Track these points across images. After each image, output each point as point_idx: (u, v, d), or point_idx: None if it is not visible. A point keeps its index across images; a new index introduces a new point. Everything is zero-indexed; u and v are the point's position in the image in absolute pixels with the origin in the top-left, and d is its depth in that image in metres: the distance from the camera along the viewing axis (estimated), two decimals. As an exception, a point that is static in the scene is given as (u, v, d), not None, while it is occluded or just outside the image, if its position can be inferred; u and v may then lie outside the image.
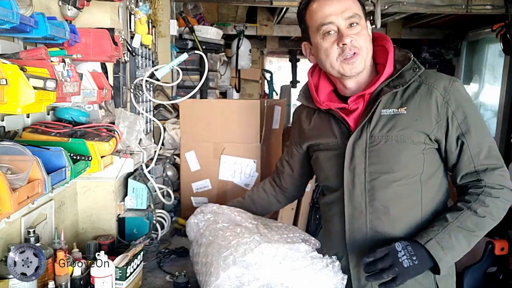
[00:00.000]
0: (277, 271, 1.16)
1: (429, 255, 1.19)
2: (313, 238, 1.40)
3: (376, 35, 1.37)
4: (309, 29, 1.35)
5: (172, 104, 2.99)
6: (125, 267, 1.36)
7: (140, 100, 2.05)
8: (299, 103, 1.55)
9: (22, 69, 0.96)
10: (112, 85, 1.71)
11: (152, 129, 2.35)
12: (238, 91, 5.69)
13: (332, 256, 1.24)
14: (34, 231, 1.25)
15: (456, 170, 1.29)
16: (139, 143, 1.75)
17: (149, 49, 2.26)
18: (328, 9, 1.27)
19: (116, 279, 1.35)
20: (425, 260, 1.20)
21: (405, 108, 1.27)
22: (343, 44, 1.26)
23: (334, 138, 1.37)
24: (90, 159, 1.28)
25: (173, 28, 3.15)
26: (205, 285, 1.21)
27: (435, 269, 1.22)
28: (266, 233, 1.34)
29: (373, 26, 5.15)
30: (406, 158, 1.26)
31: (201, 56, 2.01)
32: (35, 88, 0.96)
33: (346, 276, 1.22)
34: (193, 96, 2.11)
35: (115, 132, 1.48)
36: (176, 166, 2.41)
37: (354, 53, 1.26)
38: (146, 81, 1.88)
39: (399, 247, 1.20)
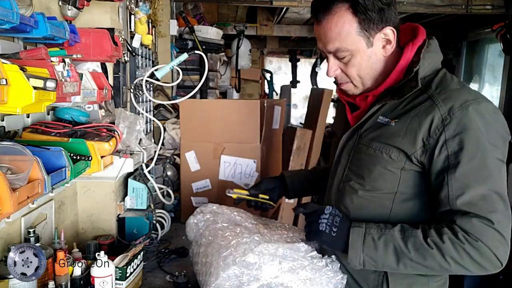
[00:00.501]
0: (277, 271, 1.16)
1: (347, 238, 1.14)
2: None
3: (412, 28, 1.23)
4: None
5: (172, 104, 3.00)
6: (125, 267, 1.36)
7: (140, 100, 2.05)
8: (299, 103, 1.56)
9: (22, 69, 0.96)
10: (112, 85, 1.70)
11: (152, 129, 2.35)
12: (238, 91, 5.70)
13: (332, 256, 1.24)
14: (34, 231, 1.25)
15: (434, 204, 1.13)
16: (139, 143, 1.75)
17: (149, 49, 2.26)
18: (316, 33, 1.21)
19: (116, 279, 1.35)
20: (341, 240, 1.15)
21: (396, 120, 1.15)
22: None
23: (340, 130, 1.35)
24: (90, 159, 1.28)
25: (173, 28, 3.16)
26: (205, 285, 1.21)
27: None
28: (266, 233, 1.34)
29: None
30: (378, 172, 1.17)
31: (201, 56, 2.01)
32: (35, 88, 0.96)
33: (345, 276, 1.22)
34: (193, 96, 2.10)
35: (115, 132, 1.48)
36: (176, 166, 2.41)
37: (340, 82, 1.24)
38: (146, 81, 1.88)
39: (328, 211, 1.18)
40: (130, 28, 1.91)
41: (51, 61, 1.15)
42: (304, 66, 8.20)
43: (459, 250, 1.05)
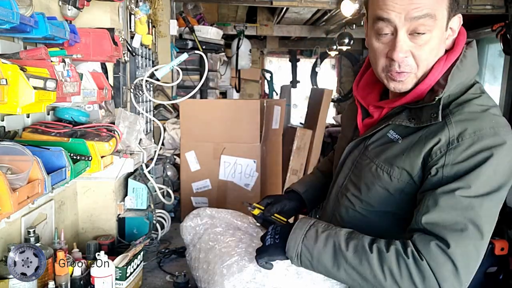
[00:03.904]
0: (283, 276, 1.15)
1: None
2: None
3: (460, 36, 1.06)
4: (367, 17, 1.08)
5: (172, 104, 3.00)
6: (125, 267, 1.36)
7: (140, 100, 2.05)
8: (299, 103, 1.53)
9: (22, 69, 0.96)
10: (112, 85, 1.71)
11: (152, 129, 2.36)
12: (238, 91, 5.70)
13: None
14: (34, 231, 1.25)
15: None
16: (139, 143, 1.75)
17: (149, 49, 2.26)
18: (388, 1, 0.97)
19: (116, 279, 1.35)
20: (285, 240, 1.05)
21: (405, 137, 1.04)
22: (392, 59, 1.01)
23: (348, 134, 1.26)
24: (90, 159, 1.28)
25: (173, 28, 3.16)
26: None
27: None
28: None
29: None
30: (376, 191, 1.07)
31: (201, 56, 2.01)
32: (35, 88, 0.96)
33: None
34: (193, 96, 2.11)
35: (115, 132, 1.48)
36: (176, 166, 2.41)
37: (403, 72, 1.03)
38: (146, 81, 1.88)
39: (270, 228, 1.12)
40: (130, 28, 1.91)
41: (51, 61, 1.15)
42: (304, 66, 8.21)
43: (400, 263, 0.93)
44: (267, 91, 7.45)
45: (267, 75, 7.38)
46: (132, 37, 1.93)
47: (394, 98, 1.11)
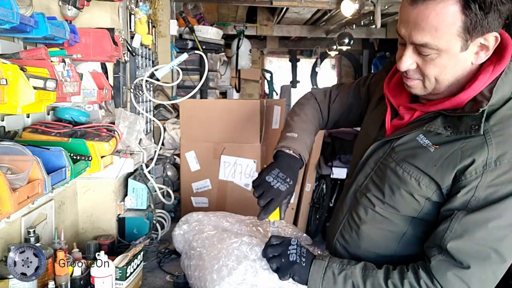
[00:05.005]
0: (273, 275, 1.13)
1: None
2: (301, 233, 1.41)
3: (501, 40, 0.99)
4: None
5: (172, 104, 3.00)
6: (125, 267, 1.36)
7: (140, 100, 2.05)
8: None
9: (22, 69, 0.96)
10: (112, 85, 1.71)
11: (152, 129, 2.35)
12: (238, 91, 5.71)
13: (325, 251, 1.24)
14: (34, 231, 1.25)
15: (430, 232, 1.06)
16: (139, 143, 1.75)
17: (149, 49, 2.26)
18: (402, 16, 1.00)
19: (116, 279, 1.35)
20: (307, 271, 1.11)
21: (437, 147, 1.02)
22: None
23: (372, 132, 1.23)
24: (90, 159, 1.28)
25: (173, 28, 3.16)
26: None
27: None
28: (256, 233, 1.33)
29: (373, 26, 5.15)
30: (401, 195, 1.07)
31: (201, 56, 2.01)
32: (35, 88, 0.96)
33: None
34: (193, 96, 2.11)
35: (115, 132, 1.48)
36: (176, 166, 2.41)
37: (409, 78, 1.06)
38: (146, 81, 1.88)
39: (294, 242, 1.15)
40: (130, 28, 1.91)
41: (51, 61, 1.15)
42: (304, 66, 8.22)
43: None
44: (267, 91, 7.47)
45: (267, 75, 7.39)
46: (132, 37, 1.93)
47: (429, 102, 1.09)
